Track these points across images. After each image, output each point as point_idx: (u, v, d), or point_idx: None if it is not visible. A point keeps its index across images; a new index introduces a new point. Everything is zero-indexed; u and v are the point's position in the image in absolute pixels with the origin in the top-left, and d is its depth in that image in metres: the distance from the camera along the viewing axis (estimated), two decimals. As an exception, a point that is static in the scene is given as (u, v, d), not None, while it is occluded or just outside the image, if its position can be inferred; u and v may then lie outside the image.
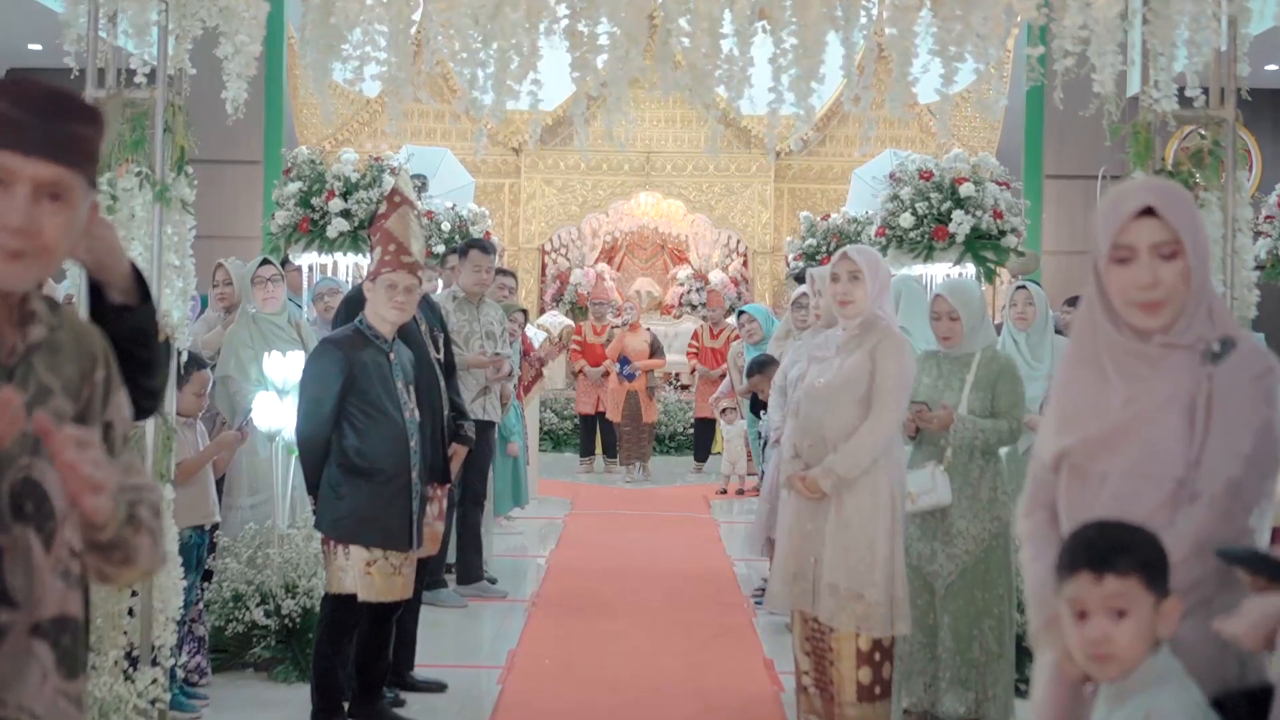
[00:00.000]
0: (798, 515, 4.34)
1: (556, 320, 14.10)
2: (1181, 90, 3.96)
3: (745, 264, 15.72)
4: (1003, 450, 4.79)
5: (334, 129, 15.14)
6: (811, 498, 4.24)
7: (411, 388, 4.41)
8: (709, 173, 15.27)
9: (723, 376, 11.29)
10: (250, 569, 5.20)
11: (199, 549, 4.75)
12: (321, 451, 4.29)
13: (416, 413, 4.41)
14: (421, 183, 10.01)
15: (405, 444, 4.32)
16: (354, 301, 4.66)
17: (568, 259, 16.07)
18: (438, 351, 4.92)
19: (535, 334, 10.59)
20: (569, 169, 15.33)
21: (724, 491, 10.89)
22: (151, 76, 4.21)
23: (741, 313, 7.35)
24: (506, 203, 15.63)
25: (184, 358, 4.42)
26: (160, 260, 4.23)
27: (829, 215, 12.01)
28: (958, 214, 6.58)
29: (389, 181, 6.99)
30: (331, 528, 4.29)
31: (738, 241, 15.71)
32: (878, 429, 4.19)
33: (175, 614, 4.32)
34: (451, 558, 6.88)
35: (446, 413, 4.75)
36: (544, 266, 15.86)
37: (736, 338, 11.11)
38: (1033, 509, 2.32)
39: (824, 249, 11.33)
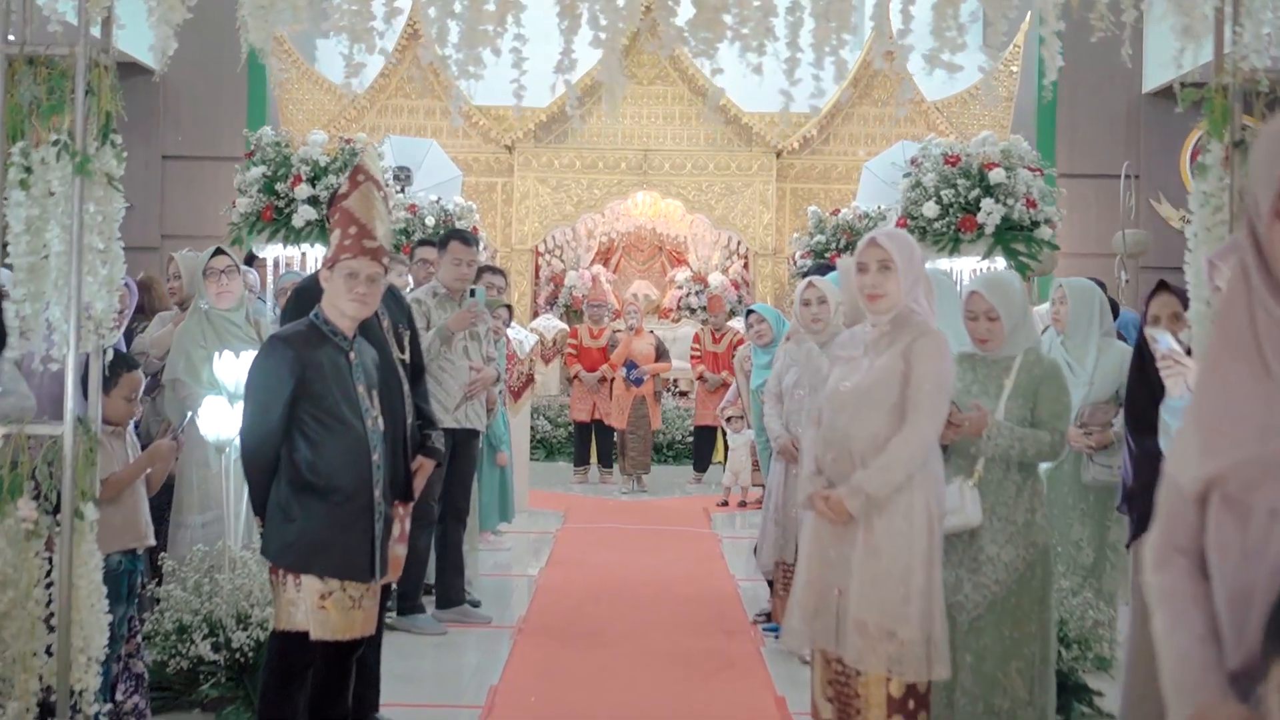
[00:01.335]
0: (819, 540, 3.76)
1: (551, 324, 13.56)
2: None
3: (746, 266, 15.17)
4: (1042, 466, 4.23)
5: (320, 125, 14.56)
6: (836, 520, 3.67)
7: (375, 393, 3.82)
8: (709, 171, 14.73)
9: (725, 384, 10.74)
10: (196, 597, 4.61)
11: (130, 576, 4.15)
12: (269, 466, 3.70)
13: (381, 421, 3.82)
14: (406, 175, 9.47)
15: (367, 457, 3.73)
16: (307, 292, 4.05)
17: (562, 261, 15.51)
18: (402, 351, 4.30)
19: (527, 337, 10.01)
20: (563, 167, 14.78)
21: (724, 503, 10.34)
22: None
23: (750, 312, 6.76)
24: (499, 202, 15.07)
25: (109, 357, 3.83)
26: (81, 243, 3.65)
27: (838, 210, 11.42)
28: (987, 202, 5.98)
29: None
30: (280, 555, 3.69)
31: (738, 243, 15.15)
32: (913, 441, 3.62)
33: (99, 653, 3.74)
34: (431, 578, 6.31)
35: (411, 421, 4.14)
36: (538, 268, 15.29)
37: (740, 342, 10.57)
38: (1169, 557, 1.72)
39: (833, 246, 10.76)
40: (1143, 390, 4.02)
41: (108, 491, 3.98)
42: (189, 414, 4.73)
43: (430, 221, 8.87)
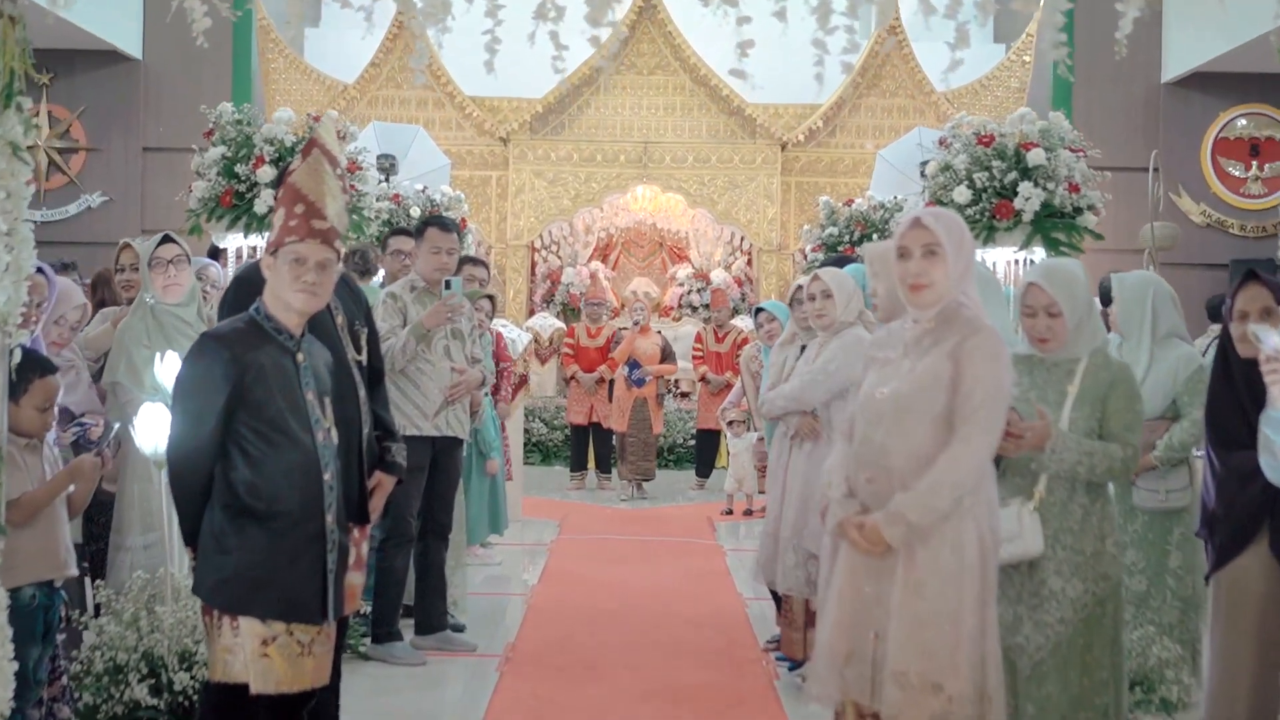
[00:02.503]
0: (853, 575, 3.21)
1: (547, 323, 13.02)
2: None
3: (750, 263, 14.60)
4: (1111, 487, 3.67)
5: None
6: (871, 552, 3.11)
7: (327, 400, 3.25)
8: (711, 164, 14.16)
9: (729, 386, 10.18)
10: (133, 632, 4.04)
11: (47, 612, 3.58)
12: (201, 488, 3.13)
13: (334, 434, 3.25)
14: (390, 164, 8.91)
15: (316, 476, 3.16)
16: (247, 282, 3.47)
17: (559, 257, 14.94)
18: (359, 352, 3.72)
19: (520, 336, 9.46)
20: (560, 160, 14.20)
21: (729, 512, 9.78)
22: None
23: (759, 310, 6.21)
24: (493, 197, 14.49)
25: (16, 358, 3.26)
26: (-22, 224, 3.08)
27: (852, 200, 10.82)
28: (1025, 186, 5.39)
29: (335, 148, 5.76)
30: (213, 593, 3.12)
31: (742, 239, 14.57)
32: (963, 458, 3.06)
33: (4, 707, 3.17)
34: (410, 600, 5.74)
35: (367, 431, 3.57)
36: (534, 265, 14.72)
37: (744, 341, 10.00)
38: None
39: (846, 238, 10.18)
40: (1227, 399, 3.46)
41: (19, 514, 3.41)
42: (116, 424, 4.16)
43: (415, 213, 8.31)
